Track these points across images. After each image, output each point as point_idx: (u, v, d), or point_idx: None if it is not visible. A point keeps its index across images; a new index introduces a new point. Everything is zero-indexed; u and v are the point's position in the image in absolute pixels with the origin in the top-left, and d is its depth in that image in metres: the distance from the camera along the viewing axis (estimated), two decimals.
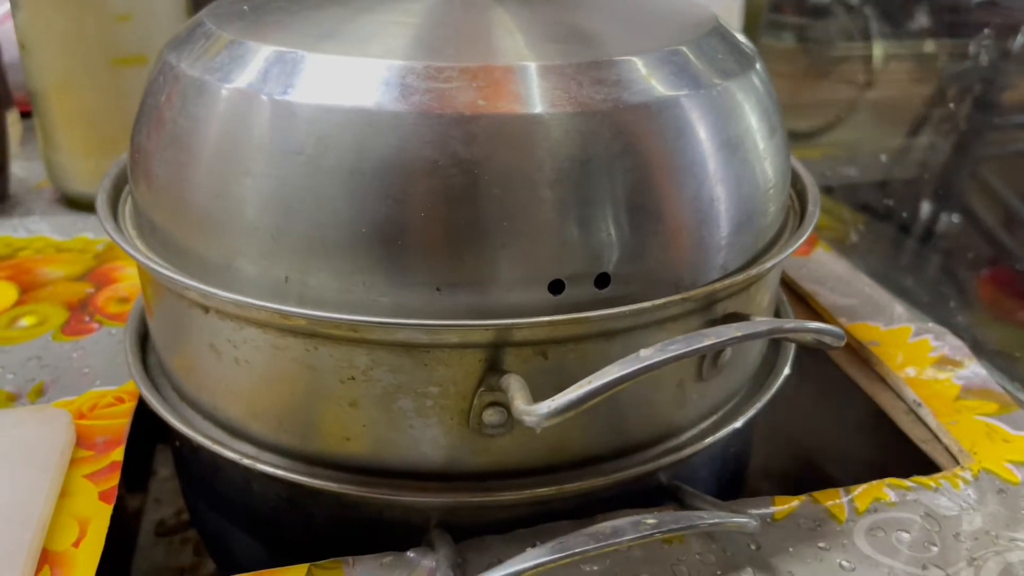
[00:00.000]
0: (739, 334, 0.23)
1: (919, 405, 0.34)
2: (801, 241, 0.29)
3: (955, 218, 0.48)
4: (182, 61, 0.28)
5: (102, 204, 0.31)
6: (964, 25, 0.50)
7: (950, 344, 0.37)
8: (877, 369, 0.36)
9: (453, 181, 0.24)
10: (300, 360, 0.26)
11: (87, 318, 0.40)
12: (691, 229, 0.26)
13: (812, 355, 0.40)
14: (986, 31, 0.47)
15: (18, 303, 0.41)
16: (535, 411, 0.22)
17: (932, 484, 0.30)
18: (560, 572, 0.26)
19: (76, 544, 0.27)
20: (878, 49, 0.55)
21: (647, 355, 0.22)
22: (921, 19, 0.54)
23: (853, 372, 0.37)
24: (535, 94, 0.25)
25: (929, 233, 0.49)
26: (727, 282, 0.27)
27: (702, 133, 0.26)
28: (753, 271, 0.27)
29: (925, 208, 0.50)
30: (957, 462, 0.32)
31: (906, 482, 0.30)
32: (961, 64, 0.50)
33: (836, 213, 0.53)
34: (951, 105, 0.49)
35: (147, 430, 0.34)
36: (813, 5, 0.59)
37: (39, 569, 0.26)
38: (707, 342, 0.23)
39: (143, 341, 0.34)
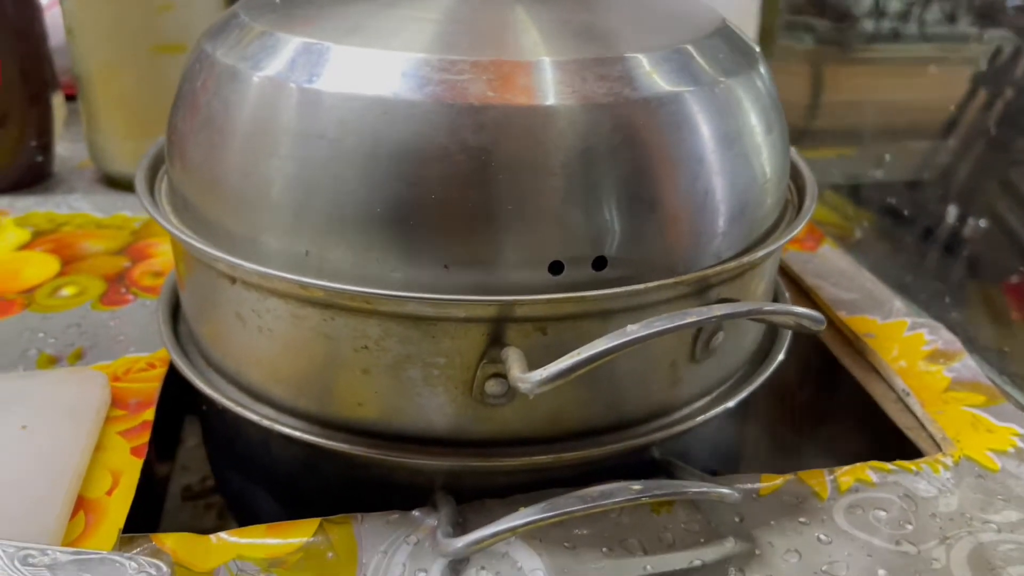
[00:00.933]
0: (720, 313, 0.25)
1: (907, 394, 0.35)
2: (794, 233, 0.31)
3: (980, 222, 0.49)
4: (217, 50, 0.30)
5: (140, 182, 0.33)
6: (997, 27, 0.51)
7: (944, 338, 0.38)
8: (871, 359, 0.38)
9: (462, 166, 0.26)
10: (317, 329, 0.28)
11: (123, 290, 0.42)
12: (687, 218, 0.28)
13: (809, 347, 0.41)
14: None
15: (60, 274, 0.43)
16: (529, 378, 0.24)
17: (913, 468, 0.31)
18: (553, 532, 0.28)
19: (109, 493, 0.29)
20: (901, 51, 0.56)
21: (633, 330, 0.24)
22: (951, 21, 0.55)
23: (848, 363, 0.38)
24: (542, 87, 0.26)
25: (950, 236, 0.50)
26: (719, 268, 0.28)
27: (701, 127, 0.28)
28: (746, 259, 0.29)
29: (943, 211, 0.51)
30: (940, 449, 0.33)
31: (888, 465, 0.31)
32: (991, 67, 0.51)
33: (844, 211, 0.54)
34: (977, 109, 0.50)
35: (176, 402, 0.37)
36: (833, 7, 0.61)
37: (75, 513, 0.28)
38: (690, 319, 0.24)
39: (174, 312, 0.37)
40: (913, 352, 0.38)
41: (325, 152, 0.26)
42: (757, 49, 0.33)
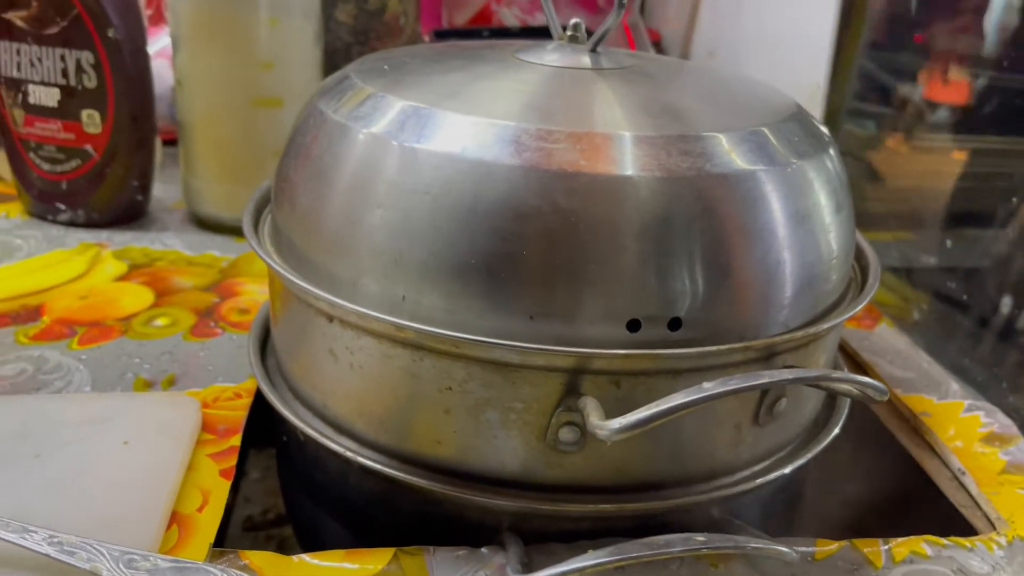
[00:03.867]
0: (791, 377, 0.27)
1: (963, 473, 0.36)
2: (858, 309, 0.32)
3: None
4: (330, 108, 0.33)
5: (247, 223, 0.36)
6: None
7: (1000, 422, 0.39)
8: (927, 438, 0.39)
9: (552, 226, 0.28)
10: (406, 369, 0.30)
11: (212, 323, 0.45)
12: (757, 287, 0.30)
13: (867, 421, 0.42)
14: None
15: (154, 305, 0.46)
16: (607, 426, 0.26)
17: (967, 544, 0.32)
18: None
19: (200, 510, 0.31)
20: (955, 142, 0.58)
21: (709, 387, 0.26)
22: (1000, 117, 0.57)
23: (904, 439, 0.39)
24: (628, 159, 0.29)
25: (1006, 323, 0.51)
26: (786, 337, 0.30)
27: (774, 204, 0.30)
28: (811, 330, 0.31)
29: (1000, 299, 0.52)
30: (994, 528, 0.34)
31: (943, 540, 0.32)
32: None
33: (902, 292, 0.55)
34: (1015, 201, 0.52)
35: (244, 435, 0.39)
36: (894, 96, 0.63)
37: (169, 527, 0.30)
38: (763, 380, 0.26)
39: (263, 346, 0.39)
40: (969, 433, 0.39)
41: (427, 206, 0.29)
42: (828, 134, 0.35)
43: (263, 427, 0.39)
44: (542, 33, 0.38)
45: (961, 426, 0.39)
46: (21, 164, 0.56)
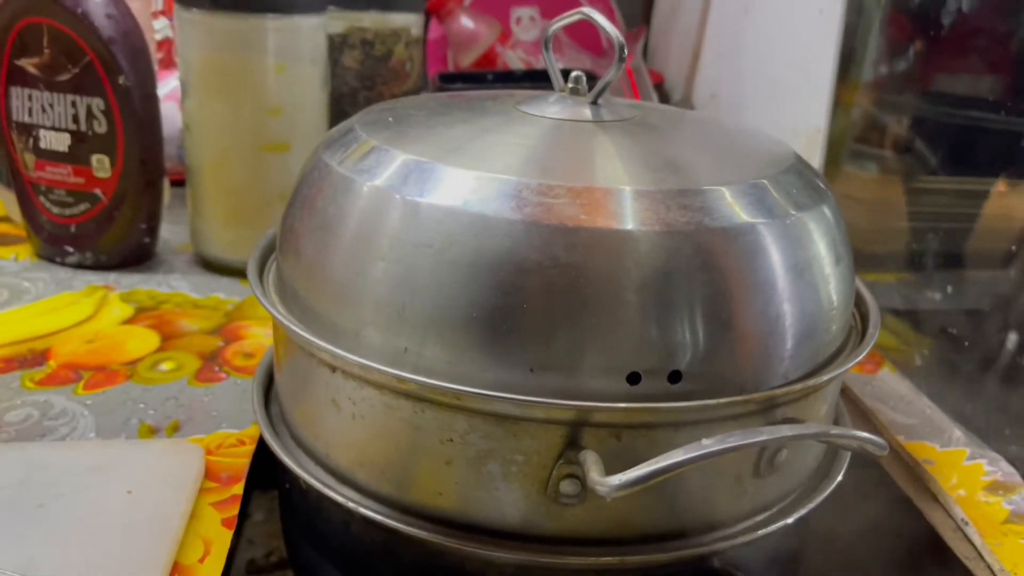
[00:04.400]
0: (790, 434, 0.27)
1: (966, 524, 0.36)
2: (857, 360, 0.32)
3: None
4: (334, 160, 0.34)
5: (252, 272, 0.36)
6: None
7: (1003, 470, 0.39)
8: (930, 486, 0.39)
9: (553, 280, 0.28)
10: (408, 420, 0.30)
11: (217, 368, 0.45)
12: (758, 339, 0.30)
13: (869, 469, 0.42)
14: None
15: (160, 349, 0.47)
16: (608, 482, 0.26)
17: None
18: None
19: (201, 560, 0.31)
20: (955, 183, 0.58)
21: (708, 444, 0.26)
22: (1002, 159, 0.57)
23: (907, 488, 0.39)
24: (628, 213, 0.29)
25: (1009, 366, 0.51)
26: (786, 389, 0.30)
27: (774, 257, 0.30)
28: (811, 382, 0.31)
29: (1003, 340, 0.52)
30: None
31: None
32: None
33: (904, 336, 0.55)
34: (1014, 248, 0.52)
35: (248, 477, 0.39)
36: (895, 138, 0.63)
37: None
38: (761, 437, 0.26)
39: (267, 392, 0.39)
40: (972, 482, 0.38)
41: (430, 259, 0.29)
42: (826, 184, 0.36)
43: (267, 469, 0.39)
44: (546, 76, 0.39)
45: (964, 474, 0.39)
46: (31, 207, 0.57)
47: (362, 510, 0.32)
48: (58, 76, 0.52)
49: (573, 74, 0.37)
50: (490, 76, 0.82)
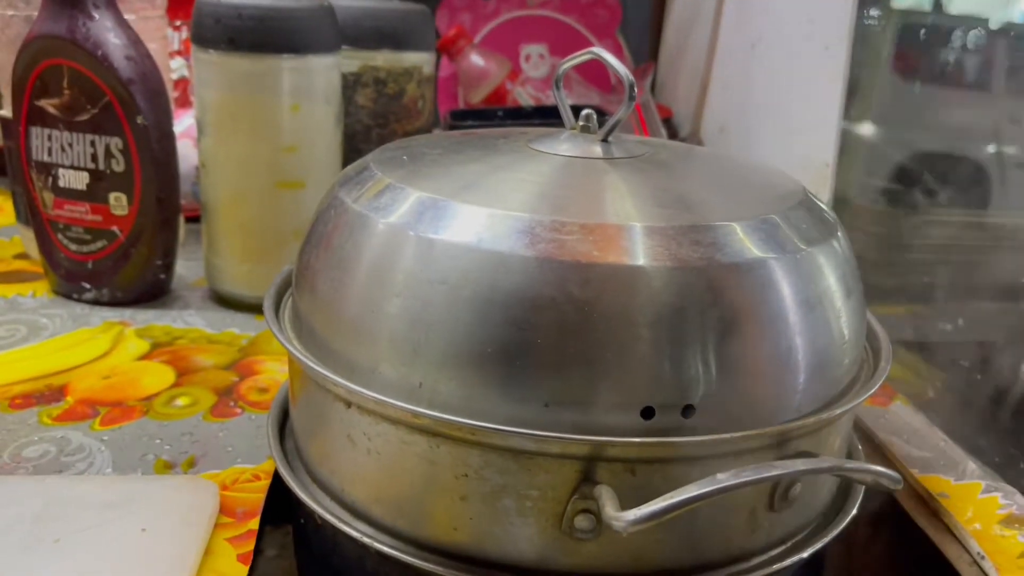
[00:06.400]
0: (804, 467, 0.27)
1: (983, 558, 0.36)
2: (870, 394, 0.33)
3: None
4: (349, 197, 0.34)
5: (268, 308, 0.37)
6: None
7: (1018, 503, 0.39)
8: (945, 520, 0.38)
9: (567, 316, 0.28)
10: (423, 455, 0.30)
11: (232, 403, 0.45)
12: (770, 373, 0.30)
13: (885, 502, 0.42)
14: None
15: (175, 384, 0.47)
16: (623, 517, 0.26)
17: None
18: None
19: None
20: (960, 216, 0.59)
21: (723, 479, 0.26)
22: (1000, 191, 0.58)
23: (922, 521, 0.39)
24: (640, 249, 0.29)
25: (1018, 398, 0.51)
26: (799, 423, 0.30)
27: (785, 291, 0.31)
28: (824, 415, 0.31)
29: (1016, 373, 0.52)
30: None
31: None
32: None
33: (916, 368, 0.55)
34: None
35: (262, 512, 0.39)
36: (902, 171, 0.64)
37: None
38: (775, 472, 0.26)
39: (282, 427, 0.40)
40: (988, 515, 0.38)
41: (445, 296, 0.29)
42: (834, 218, 0.36)
43: (280, 504, 0.39)
44: (555, 112, 0.40)
45: (979, 508, 0.39)
46: (49, 244, 0.57)
47: (377, 545, 0.32)
48: (77, 116, 0.53)
49: (584, 112, 0.38)
50: (500, 112, 0.83)
